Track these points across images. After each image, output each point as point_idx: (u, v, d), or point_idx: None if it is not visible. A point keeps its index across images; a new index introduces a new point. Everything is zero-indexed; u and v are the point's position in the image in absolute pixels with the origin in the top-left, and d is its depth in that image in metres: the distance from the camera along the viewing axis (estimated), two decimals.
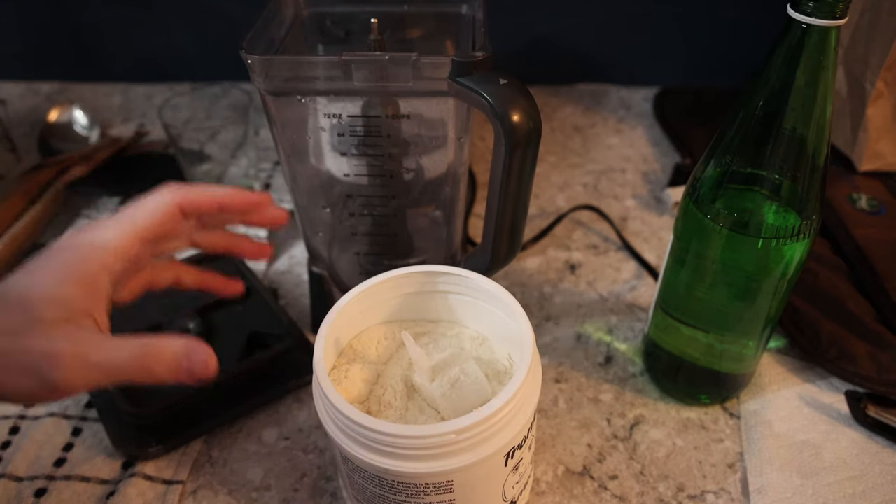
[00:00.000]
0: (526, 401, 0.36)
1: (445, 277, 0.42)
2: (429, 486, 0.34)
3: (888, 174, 0.69)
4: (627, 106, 0.88)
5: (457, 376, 0.37)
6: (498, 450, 0.34)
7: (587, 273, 0.62)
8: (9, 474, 0.46)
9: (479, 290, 0.41)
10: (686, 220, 0.43)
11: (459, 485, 0.35)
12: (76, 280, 0.32)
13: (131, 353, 0.32)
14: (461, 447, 0.33)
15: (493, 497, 0.38)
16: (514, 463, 0.37)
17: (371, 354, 0.41)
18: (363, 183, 0.50)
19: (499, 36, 0.45)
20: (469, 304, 0.42)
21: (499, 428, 0.34)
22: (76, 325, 0.31)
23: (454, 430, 0.32)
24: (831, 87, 0.36)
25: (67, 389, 0.31)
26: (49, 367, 0.30)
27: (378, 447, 0.33)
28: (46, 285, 0.32)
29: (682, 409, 0.50)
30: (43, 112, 0.81)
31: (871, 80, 0.65)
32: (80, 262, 0.33)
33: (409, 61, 0.42)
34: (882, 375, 0.49)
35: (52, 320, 0.31)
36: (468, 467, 0.34)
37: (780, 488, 0.44)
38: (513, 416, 0.35)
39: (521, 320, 0.38)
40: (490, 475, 0.36)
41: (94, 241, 0.34)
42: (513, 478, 0.38)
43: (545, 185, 0.74)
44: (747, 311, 0.44)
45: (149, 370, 0.32)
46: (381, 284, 0.41)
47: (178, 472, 0.46)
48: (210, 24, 0.88)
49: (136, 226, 0.35)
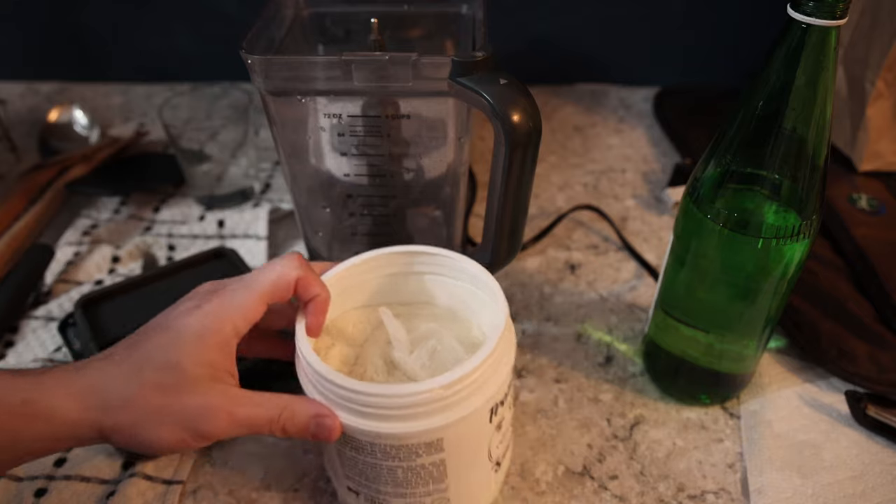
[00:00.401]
0: (504, 356, 0.37)
1: (420, 258, 0.42)
2: (420, 447, 0.35)
3: (888, 174, 0.69)
4: (627, 106, 0.88)
5: (434, 347, 0.39)
6: (482, 404, 0.35)
7: (587, 273, 0.62)
8: (9, 474, 0.46)
9: (453, 268, 0.42)
10: (686, 220, 0.43)
11: (449, 443, 0.36)
12: (216, 343, 0.36)
13: (271, 411, 0.36)
14: (448, 403, 0.34)
15: (480, 456, 0.39)
16: (498, 421, 0.38)
17: (348, 336, 0.42)
18: (363, 183, 0.50)
19: (499, 36, 0.45)
20: (443, 284, 0.43)
21: (482, 382, 0.35)
22: (223, 383, 0.35)
23: (441, 386, 0.33)
24: (831, 87, 0.36)
25: (214, 439, 0.35)
26: (203, 420, 0.34)
27: (368, 410, 0.34)
28: (192, 348, 0.35)
29: (682, 409, 0.50)
30: (43, 112, 0.81)
31: (871, 80, 0.65)
32: (217, 324, 0.36)
33: (409, 61, 0.42)
34: (882, 375, 0.49)
35: (203, 378, 0.35)
36: (456, 424, 0.35)
37: (780, 488, 0.44)
38: (494, 370, 0.36)
39: (493, 288, 0.39)
40: (476, 432, 0.37)
41: (231, 303, 0.37)
42: (497, 437, 0.39)
43: (545, 185, 0.74)
44: (747, 311, 0.44)
45: (282, 428, 0.36)
46: (355, 267, 0.42)
47: (178, 472, 0.46)
48: (210, 24, 0.88)
49: (264, 292, 0.37)
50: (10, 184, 0.69)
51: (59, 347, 0.55)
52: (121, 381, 0.34)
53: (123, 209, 0.71)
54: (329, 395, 0.35)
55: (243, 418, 0.35)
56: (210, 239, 0.66)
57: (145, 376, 0.34)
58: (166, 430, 0.34)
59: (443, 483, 0.38)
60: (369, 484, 0.38)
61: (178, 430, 0.34)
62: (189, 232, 0.67)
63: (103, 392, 0.34)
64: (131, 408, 0.33)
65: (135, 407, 0.34)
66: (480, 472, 0.40)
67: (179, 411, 0.34)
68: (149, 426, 0.34)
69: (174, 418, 0.34)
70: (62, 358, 0.54)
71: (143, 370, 0.34)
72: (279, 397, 0.36)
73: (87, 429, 0.33)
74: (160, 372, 0.34)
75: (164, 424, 0.34)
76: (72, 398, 0.33)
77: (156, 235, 0.67)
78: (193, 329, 0.35)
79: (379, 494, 0.39)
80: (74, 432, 0.33)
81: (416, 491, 0.38)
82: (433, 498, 0.39)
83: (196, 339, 0.35)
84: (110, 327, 0.52)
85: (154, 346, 0.35)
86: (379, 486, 0.38)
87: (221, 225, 0.67)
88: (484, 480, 0.41)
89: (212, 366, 0.35)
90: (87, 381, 0.34)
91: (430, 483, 0.38)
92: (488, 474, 0.41)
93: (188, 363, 0.35)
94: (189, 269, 0.57)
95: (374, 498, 0.39)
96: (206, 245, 0.65)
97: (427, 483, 0.38)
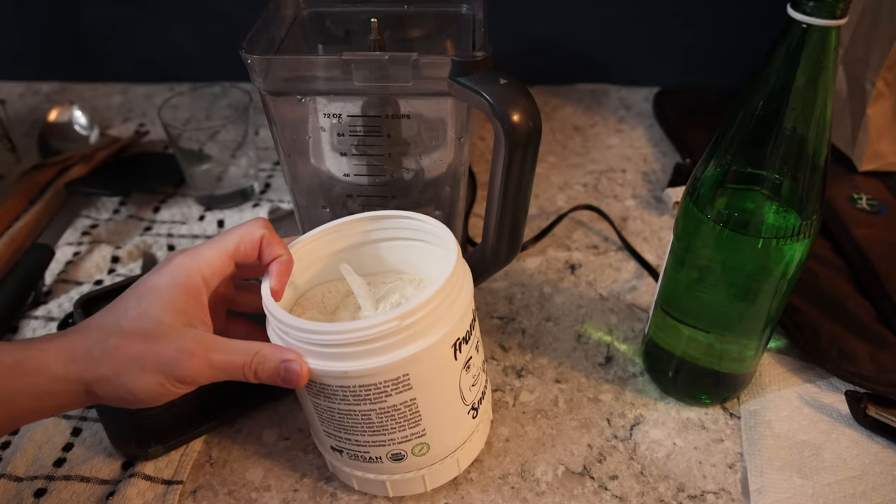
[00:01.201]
0: (461, 291, 0.38)
1: (376, 223, 0.43)
2: (388, 384, 0.36)
3: (888, 174, 0.69)
4: (627, 106, 0.88)
5: (398, 301, 0.41)
6: (442, 337, 0.37)
7: (587, 273, 0.62)
8: (8, 474, 0.46)
9: (407, 227, 0.43)
10: (686, 220, 0.43)
11: (416, 379, 0.37)
12: (187, 292, 0.37)
13: (244, 356, 0.37)
14: (408, 335, 0.35)
15: (452, 397, 0.40)
16: (464, 359, 0.39)
17: (318, 305, 0.43)
18: (363, 183, 0.50)
19: (499, 36, 0.45)
20: (401, 248, 0.44)
21: (439, 314, 0.36)
22: (197, 330, 0.37)
23: (397, 316, 0.35)
24: (831, 87, 0.36)
25: (192, 384, 0.37)
26: (179, 364, 0.36)
27: (331, 351, 0.35)
28: (166, 297, 0.37)
29: (682, 409, 0.50)
30: (43, 112, 0.81)
31: (871, 80, 0.65)
32: (187, 277, 0.38)
33: (409, 61, 0.42)
34: (882, 375, 0.49)
35: (177, 325, 0.37)
36: (419, 357, 0.36)
37: (780, 488, 0.44)
38: (451, 302, 0.37)
39: (444, 235, 0.41)
40: (442, 369, 0.38)
41: (197, 256, 0.39)
42: (467, 378, 0.40)
43: (545, 185, 0.74)
44: (747, 311, 0.44)
45: (254, 373, 0.37)
46: (315, 238, 0.43)
47: (178, 472, 0.46)
48: (210, 24, 0.87)
49: (230, 248, 0.40)
50: (10, 184, 0.69)
51: None
52: (101, 335, 0.36)
53: (123, 209, 0.71)
54: (295, 342, 0.37)
55: (218, 362, 0.37)
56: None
57: (123, 327, 0.36)
58: (146, 376, 0.36)
59: (419, 426, 0.39)
60: (349, 437, 0.39)
61: (158, 375, 0.36)
62: (189, 232, 0.67)
63: (85, 345, 0.36)
64: (111, 357, 0.35)
65: (115, 356, 0.35)
66: (457, 416, 0.41)
67: (156, 356, 0.36)
68: (129, 374, 0.35)
69: (152, 364, 0.36)
70: None
71: (119, 323, 0.36)
72: (251, 344, 0.38)
73: (74, 383, 0.35)
74: (136, 321, 0.36)
75: (143, 371, 0.35)
76: (59, 353, 0.35)
77: (156, 235, 0.67)
78: (164, 282, 0.38)
79: (360, 447, 0.40)
80: (65, 386, 0.35)
81: (394, 437, 0.39)
82: (412, 444, 0.40)
83: (168, 290, 0.37)
84: None
85: (129, 301, 0.38)
86: (358, 437, 0.39)
87: (221, 225, 0.67)
88: (463, 426, 0.42)
89: (185, 313, 0.37)
90: (72, 338, 0.36)
91: (406, 427, 0.39)
92: (466, 420, 0.42)
93: (162, 312, 0.36)
94: None
95: (357, 452, 0.40)
96: None
97: (403, 427, 0.39)
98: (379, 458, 0.40)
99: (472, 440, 0.43)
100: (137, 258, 0.64)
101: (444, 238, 0.41)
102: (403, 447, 0.40)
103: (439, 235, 0.41)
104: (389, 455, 0.40)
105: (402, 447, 0.40)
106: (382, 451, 0.40)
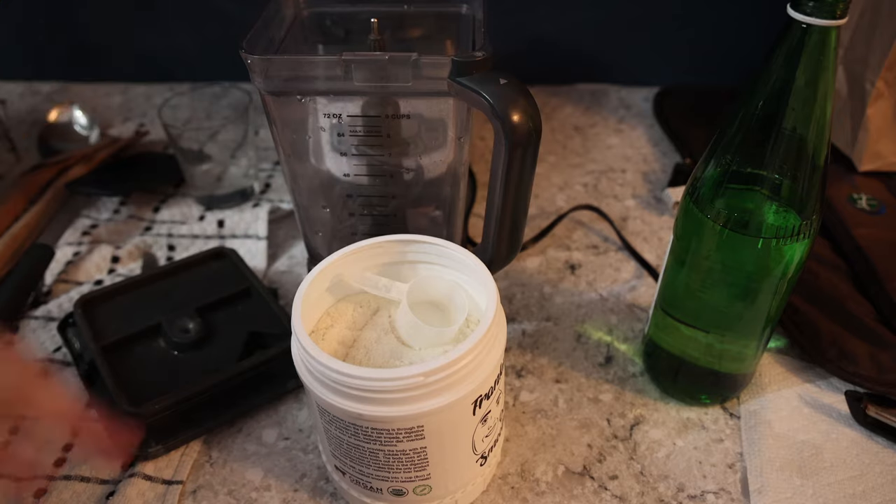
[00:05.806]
0: (491, 349, 0.37)
1: (415, 246, 0.43)
2: (401, 432, 0.36)
3: (888, 174, 0.69)
4: (627, 106, 0.88)
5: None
6: (465, 395, 0.36)
7: (587, 273, 0.62)
8: (8, 474, 0.45)
9: (446, 257, 0.43)
10: (686, 220, 0.43)
11: (430, 430, 0.36)
12: None
13: None
14: (430, 391, 0.35)
15: (463, 447, 0.39)
16: (483, 414, 0.39)
17: (348, 319, 0.43)
18: (363, 183, 0.50)
19: (499, 36, 0.45)
20: (436, 273, 0.44)
21: (465, 374, 0.35)
22: None
23: (422, 373, 0.34)
24: (831, 87, 0.36)
25: None
26: None
27: (351, 392, 0.35)
28: None
29: (682, 409, 0.50)
30: (43, 112, 0.81)
31: (871, 80, 0.65)
32: None
33: (409, 61, 0.42)
34: (882, 375, 0.49)
35: None
36: (437, 412, 0.35)
37: (780, 488, 0.44)
38: (479, 362, 0.36)
39: (485, 276, 0.40)
40: (459, 423, 0.37)
41: None
42: (482, 430, 0.40)
43: (545, 185, 0.74)
44: (747, 311, 0.44)
45: None
46: (351, 254, 0.42)
47: (178, 472, 0.46)
48: (210, 24, 0.87)
49: None
50: (9, 184, 0.69)
51: (58, 347, 0.55)
52: None
53: (123, 209, 0.71)
54: (317, 375, 0.36)
55: None
56: (210, 239, 0.66)
57: None
58: None
59: (424, 471, 0.39)
60: (354, 465, 0.39)
61: None
62: (189, 232, 0.67)
63: None
64: None
65: None
66: (464, 465, 0.40)
67: None
68: None
69: None
70: (62, 358, 0.54)
71: None
72: None
73: None
74: None
75: None
76: None
77: (156, 235, 0.67)
78: None
79: (363, 476, 0.40)
80: None
81: (398, 476, 0.39)
82: (415, 484, 0.39)
83: None
84: (110, 327, 0.52)
85: None
86: (363, 468, 0.39)
87: (221, 225, 0.67)
88: (468, 473, 0.41)
89: None
90: None
91: (411, 469, 0.38)
92: (473, 467, 0.41)
93: None
94: (189, 269, 0.57)
95: (359, 479, 0.40)
96: (205, 245, 0.65)
97: (409, 469, 0.38)
98: (380, 489, 0.40)
99: (474, 484, 0.43)
100: (137, 258, 0.64)
101: (483, 280, 0.40)
102: (406, 486, 0.40)
103: (479, 275, 0.40)
104: (391, 490, 0.40)
105: (404, 485, 0.40)
106: (384, 484, 0.40)
